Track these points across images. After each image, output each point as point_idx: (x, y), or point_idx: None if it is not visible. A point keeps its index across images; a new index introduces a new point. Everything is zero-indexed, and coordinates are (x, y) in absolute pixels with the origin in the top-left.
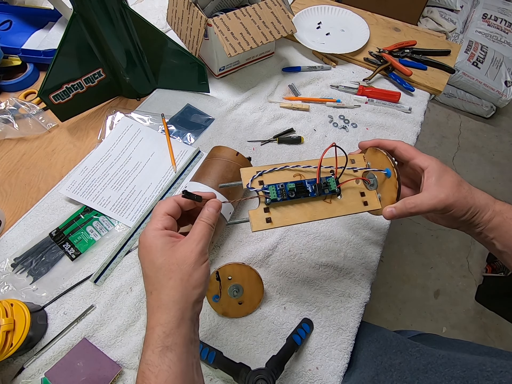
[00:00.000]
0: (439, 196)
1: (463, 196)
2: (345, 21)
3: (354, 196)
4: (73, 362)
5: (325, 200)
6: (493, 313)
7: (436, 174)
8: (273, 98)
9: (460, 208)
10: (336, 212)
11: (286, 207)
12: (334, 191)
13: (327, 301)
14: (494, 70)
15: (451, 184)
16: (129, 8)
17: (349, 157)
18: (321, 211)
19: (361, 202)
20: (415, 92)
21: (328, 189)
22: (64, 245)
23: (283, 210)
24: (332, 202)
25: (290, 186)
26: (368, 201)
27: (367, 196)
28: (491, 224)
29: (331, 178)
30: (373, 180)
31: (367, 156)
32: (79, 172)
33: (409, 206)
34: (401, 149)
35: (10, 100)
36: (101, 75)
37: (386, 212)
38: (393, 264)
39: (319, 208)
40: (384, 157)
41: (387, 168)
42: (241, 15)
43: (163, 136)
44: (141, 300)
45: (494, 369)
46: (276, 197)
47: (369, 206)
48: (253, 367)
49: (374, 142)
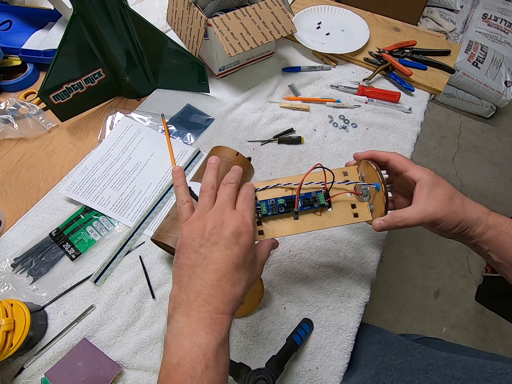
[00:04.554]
0: (427, 210)
1: (452, 210)
2: (345, 21)
3: (345, 208)
4: (73, 362)
5: (315, 213)
6: (493, 313)
7: (427, 187)
8: (273, 98)
9: (449, 222)
10: (325, 225)
11: (276, 220)
12: (323, 205)
13: (327, 301)
14: (494, 70)
15: (441, 198)
16: (129, 8)
17: (342, 169)
18: (310, 224)
19: (352, 214)
20: (415, 92)
21: (317, 203)
22: (64, 245)
23: (274, 224)
24: (322, 215)
25: (280, 202)
26: (359, 212)
27: (358, 208)
28: (484, 237)
29: (320, 192)
30: (366, 192)
31: (360, 168)
32: (79, 172)
33: (397, 220)
34: (395, 161)
35: (10, 100)
36: (101, 75)
37: (376, 224)
38: (393, 264)
39: (309, 221)
40: (374, 171)
41: (376, 182)
42: (241, 15)
43: (163, 136)
44: (141, 300)
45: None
46: (267, 212)
47: (359, 218)
48: (253, 367)
49: (367, 154)
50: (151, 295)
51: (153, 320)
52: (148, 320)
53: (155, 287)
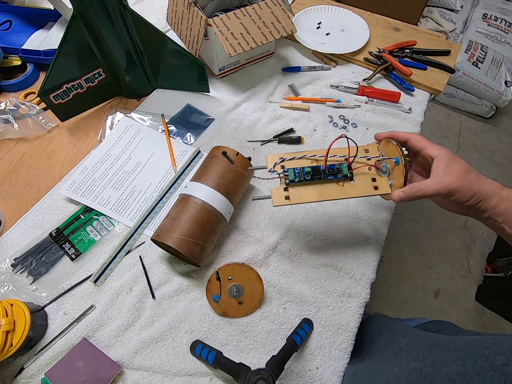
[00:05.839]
0: (443, 181)
1: (467, 183)
2: (345, 21)
3: (366, 181)
4: (73, 362)
5: (338, 184)
6: (493, 313)
7: (444, 162)
8: (273, 98)
9: (464, 194)
10: (347, 194)
11: (302, 187)
12: (346, 176)
13: (327, 301)
14: (494, 70)
15: (457, 171)
16: (129, 8)
17: (364, 147)
18: (333, 192)
19: (372, 186)
20: (415, 92)
21: (340, 174)
22: (64, 245)
23: (300, 190)
24: (344, 185)
25: (306, 170)
26: (379, 186)
27: (378, 181)
28: (498, 209)
29: (344, 164)
30: (386, 168)
31: (381, 147)
32: (79, 172)
33: (415, 190)
34: (413, 140)
35: (10, 100)
36: (101, 75)
37: (395, 195)
38: (393, 264)
39: (332, 190)
40: (394, 147)
41: (396, 157)
42: (241, 15)
43: (163, 136)
44: (141, 300)
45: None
46: (294, 178)
47: (379, 191)
48: (253, 367)
49: (388, 134)
50: (151, 295)
51: (153, 320)
52: (148, 320)
53: (155, 287)
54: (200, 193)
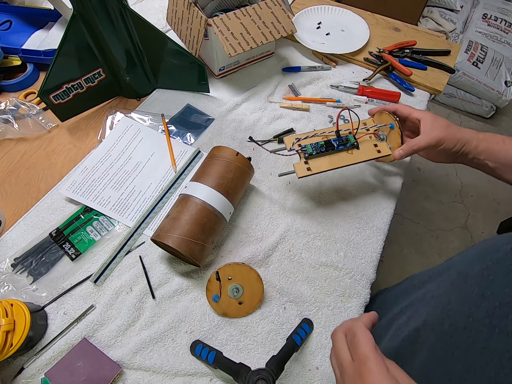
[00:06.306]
0: (431, 134)
1: (451, 132)
2: (345, 21)
3: (369, 147)
4: (73, 362)
5: (347, 152)
6: None
7: (430, 120)
8: (273, 98)
9: (450, 141)
10: (357, 159)
11: (319, 158)
12: (353, 144)
13: (327, 301)
14: (494, 70)
15: (441, 125)
16: (129, 8)
17: (362, 121)
18: (346, 159)
19: (375, 151)
20: (415, 92)
21: (349, 143)
22: (64, 245)
23: (318, 161)
24: (353, 153)
25: (321, 143)
26: (381, 149)
27: (379, 146)
28: (479, 148)
29: (350, 135)
30: (383, 135)
31: (375, 119)
32: (79, 172)
33: (411, 145)
34: (401, 109)
35: (10, 100)
36: (101, 75)
37: (396, 154)
38: (393, 264)
39: (344, 157)
40: (387, 116)
41: (391, 123)
42: (241, 15)
43: (163, 136)
44: (141, 300)
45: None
46: (312, 151)
47: (382, 153)
48: (253, 367)
49: (379, 108)
50: (151, 295)
51: (153, 320)
52: (148, 320)
53: (155, 287)
54: (200, 193)
